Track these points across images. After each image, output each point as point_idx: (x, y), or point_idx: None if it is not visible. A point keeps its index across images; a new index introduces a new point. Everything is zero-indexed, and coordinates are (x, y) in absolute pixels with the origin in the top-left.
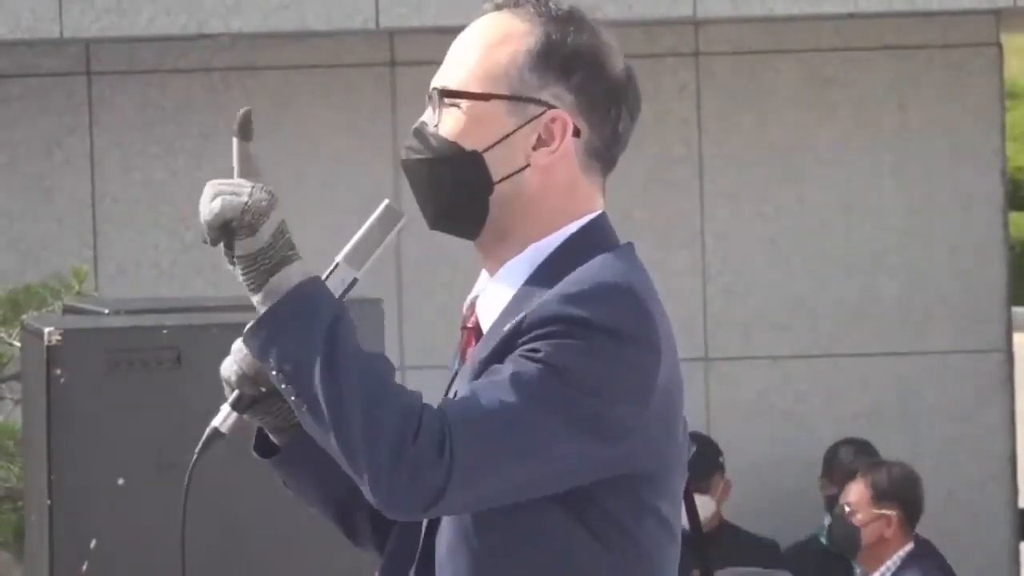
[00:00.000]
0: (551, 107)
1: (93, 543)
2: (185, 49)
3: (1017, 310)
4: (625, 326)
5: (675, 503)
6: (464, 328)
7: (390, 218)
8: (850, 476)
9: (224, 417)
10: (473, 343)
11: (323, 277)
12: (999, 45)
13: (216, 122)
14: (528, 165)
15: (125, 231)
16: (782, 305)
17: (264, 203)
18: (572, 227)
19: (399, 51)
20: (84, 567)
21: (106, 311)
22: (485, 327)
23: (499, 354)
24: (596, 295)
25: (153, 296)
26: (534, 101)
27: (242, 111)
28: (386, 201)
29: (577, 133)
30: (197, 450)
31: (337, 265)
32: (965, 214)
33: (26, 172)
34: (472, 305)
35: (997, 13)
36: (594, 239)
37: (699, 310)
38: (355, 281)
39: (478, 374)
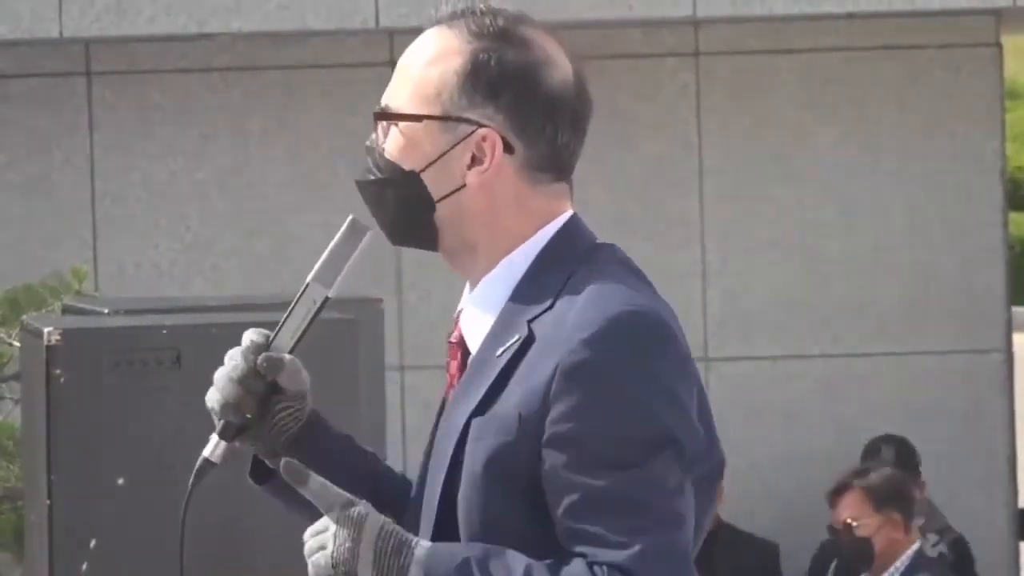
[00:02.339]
0: (481, 126)
1: (93, 543)
2: (185, 49)
3: (1017, 310)
4: (651, 356)
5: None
6: (449, 342)
7: (356, 233)
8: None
9: (213, 447)
10: (458, 358)
11: (296, 298)
12: (999, 45)
13: (216, 122)
14: (465, 184)
15: (125, 231)
16: (782, 305)
17: (348, 544)
18: (541, 237)
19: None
20: (84, 567)
21: (106, 311)
22: (471, 344)
23: (537, 403)
24: (612, 332)
25: (153, 296)
26: (464, 120)
27: (282, 463)
28: (351, 216)
29: (511, 151)
30: (191, 482)
31: (308, 285)
32: (965, 214)
33: (26, 172)
34: (456, 319)
35: (997, 13)
36: (568, 247)
37: (699, 310)
38: (327, 299)
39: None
